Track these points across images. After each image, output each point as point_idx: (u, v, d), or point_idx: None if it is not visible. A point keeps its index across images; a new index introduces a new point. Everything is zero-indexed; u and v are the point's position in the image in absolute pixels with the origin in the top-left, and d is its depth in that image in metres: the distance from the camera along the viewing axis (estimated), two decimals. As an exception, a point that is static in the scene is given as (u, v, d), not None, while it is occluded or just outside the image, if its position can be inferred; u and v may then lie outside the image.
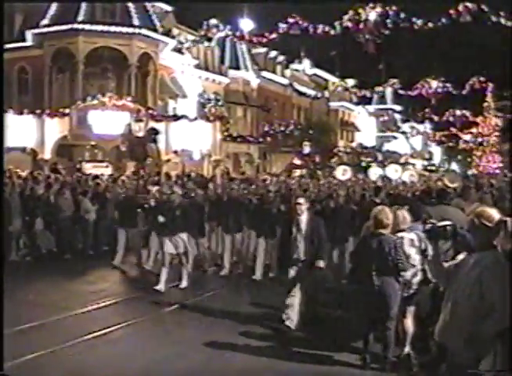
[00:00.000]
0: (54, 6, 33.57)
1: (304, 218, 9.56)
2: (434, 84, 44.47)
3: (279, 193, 16.48)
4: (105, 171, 28.38)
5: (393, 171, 30.87)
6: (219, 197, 15.37)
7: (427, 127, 78.30)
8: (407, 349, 7.76)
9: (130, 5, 33.96)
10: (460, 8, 26.08)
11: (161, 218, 12.49)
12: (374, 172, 31.40)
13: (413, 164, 64.79)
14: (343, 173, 26.86)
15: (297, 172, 40.71)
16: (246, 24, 38.83)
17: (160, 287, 12.22)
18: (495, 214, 4.84)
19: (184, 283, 12.66)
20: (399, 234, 7.69)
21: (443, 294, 5.13)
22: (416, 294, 7.69)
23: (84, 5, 32.99)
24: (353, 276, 8.07)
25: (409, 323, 7.77)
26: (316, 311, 9.79)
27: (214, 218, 14.83)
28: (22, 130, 30.48)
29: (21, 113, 31.07)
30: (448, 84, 44.52)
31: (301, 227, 9.49)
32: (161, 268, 12.51)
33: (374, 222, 7.62)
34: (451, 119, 59.27)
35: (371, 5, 28.69)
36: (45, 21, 33.45)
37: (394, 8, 28.48)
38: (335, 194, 14.79)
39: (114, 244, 15.47)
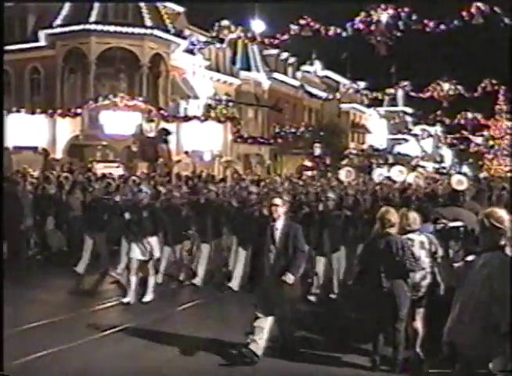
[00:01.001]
0: (67, 7, 33.74)
1: (279, 224, 8.06)
2: (446, 86, 44.29)
3: (265, 195, 14.98)
4: (116, 171, 28.44)
5: (397, 173, 29.71)
6: (197, 199, 13.92)
7: (438, 129, 77.99)
8: (417, 351, 7.74)
9: (142, 5, 34.08)
10: (473, 9, 26.01)
11: (127, 215, 11.35)
12: (378, 173, 30.40)
13: (424, 167, 64.56)
14: (346, 175, 26.58)
15: (309, 174, 40.62)
16: (258, 26, 38.87)
17: (129, 299, 10.93)
18: (504, 215, 4.84)
19: (148, 297, 11.13)
20: (409, 236, 7.67)
21: (452, 294, 5.12)
22: (424, 296, 7.67)
23: (96, 6, 33.14)
24: (361, 277, 8.05)
25: (419, 325, 7.75)
26: (291, 335, 8.34)
27: (191, 223, 13.31)
28: (34, 130, 30.68)
29: (33, 112, 31.25)
30: (459, 87, 44.32)
31: (275, 235, 8.02)
32: (129, 277, 11.18)
33: (381, 222, 7.60)
34: (462, 122, 59.07)
35: (383, 6, 28.64)
36: (58, 21, 33.62)
37: (406, 9, 28.42)
38: (324, 197, 13.04)
39: (79, 250, 13.95)
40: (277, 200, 8.17)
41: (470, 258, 5.11)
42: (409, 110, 73.98)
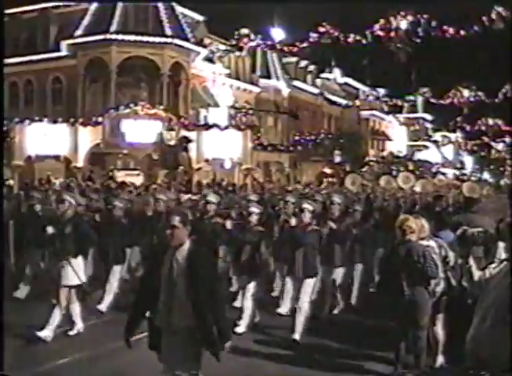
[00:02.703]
0: (88, 17, 34.06)
1: (183, 250, 5.58)
2: (466, 92, 44.10)
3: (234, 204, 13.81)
4: (136, 179, 28.63)
5: (404, 180, 28.46)
6: (143, 210, 12.38)
7: (458, 136, 77.55)
8: (440, 359, 7.71)
9: (162, 14, 34.30)
10: (493, 15, 25.88)
11: (50, 229, 9.43)
12: (386, 181, 29.33)
13: (444, 174, 64.21)
14: (352, 182, 26.18)
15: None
16: (277, 33, 38.98)
17: (46, 333, 8.85)
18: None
19: (74, 330, 9.39)
20: (419, 242, 7.67)
21: (475, 301, 5.12)
22: (440, 301, 7.64)
23: (117, 16, 33.42)
24: (383, 284, 8.06)
25: (439, 331, 7.73)
26: None
27: (135, 239, 11.68)
28: (56, 138, 30.92)
29: (55, 121, 31.48)
30: (480, 93, 44.12)
31: (174, 266, 5.54)
32: (53, 307, 9.08)
33: (401, 229, 7.60)
34: (483, 128, 58.76)
35: (402, 13, 28.61)
36: (79, 32, 33.94)
37: (425, 16, 28.36)
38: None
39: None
40: (175, 220, 5.61)
41: (493, 265, 5.11)
42: (428, 116, 73.68)
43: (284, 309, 10.22)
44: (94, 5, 34.28)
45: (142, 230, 12.06)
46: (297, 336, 9.13)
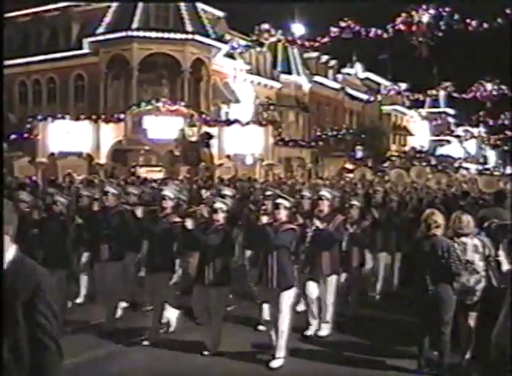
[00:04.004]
0: (109, 15, 34.29)
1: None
2: (489, 86, 43.65)
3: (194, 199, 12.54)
4: (158, 175, 28.76)
5: (418, 174, 27.45)
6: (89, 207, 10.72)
7: (481, 130, 76.92)
8: (468, 356, 7.63)
9: (183, 11, 34.42)
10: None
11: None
12: (396, 175, 27.83)
13: (467, 169, 63.77)
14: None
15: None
16: (298, 29, 38.94)
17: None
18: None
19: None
20: (462, 239, 7.55)
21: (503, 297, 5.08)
22: (480, 301, 7.48)
23: (138, 13, 33.60)
24: (407, 279, 8.01)
25: (472, 329, 7.63)
26: None
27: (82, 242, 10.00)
28: (78, 135, 31.16)
29: (77, 118, 31.73)
30: (503, 87, 43.64)
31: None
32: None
33: (426, 223, 7.48)
34: (506, 122, 58.08)
35: (424, 7, 28.39)
36: (101, 29, 34.17)
37: (447, 9, 28.12)
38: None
39: None
40: None
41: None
42: (451, 111, 73.17)
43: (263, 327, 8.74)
44: (115, 3, 34.50)
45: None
46: (275, 364, 7.81)
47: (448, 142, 72.64)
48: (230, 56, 38.54)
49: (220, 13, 40.19)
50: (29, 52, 37.16)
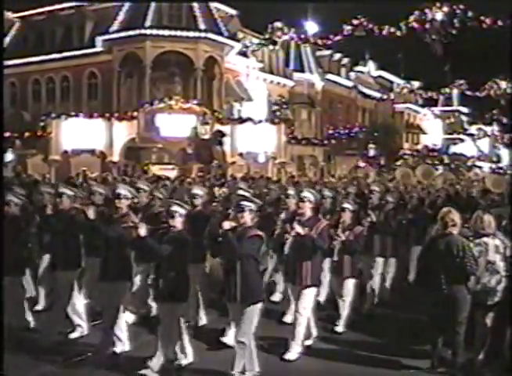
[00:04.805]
0: (123, 13, 34.40)
1: None
2: (503, 84, 43.38)
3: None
4: (171, 173, 28.81)
5: (424, 173, 26.19)
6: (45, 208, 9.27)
7: (495, 129, 76.48)
8: (481, 356, 7.57)
9: (195, 9, 34.45)
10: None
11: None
12: (402, 174, 26.45)
13: (480, 167, 63.45)
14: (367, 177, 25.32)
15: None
16: (311, 27, 38.89)
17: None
18: None
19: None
20: (484, 239, 7.50)
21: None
22: (500, 301, 7.44)
23: (151, 11, 33.67)
24: (420, 278, 7.97)
25: (488, 329, 7.59)
26: None
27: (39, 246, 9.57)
28: (91, 133, 31.26)
29: (91, 116, 31.84)
30: (517, 85, 43.39)
31: None
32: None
33: (443, 222, 7.45)
34: (520, 120, 57.76)
35: (438, 4, 28.29)
36: (114, 27, 34.27)
37: (461, 7, 28.01)
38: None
39: None
40: None
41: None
42: (464, 109, 72.82)
43: (229, 339, 8.08)
44: (128, 2, 34.60)
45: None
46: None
47: (462, 140, 72.23)
48: (243, 54, 38.55)
49: (233, 11, 40.17)
50: (43, 51, 37.31)
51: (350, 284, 9.38)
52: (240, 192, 9.19)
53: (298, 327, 8.09)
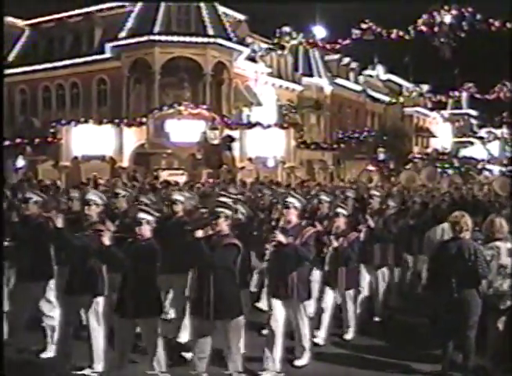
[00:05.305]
0: (131, 19, 34.52)
1: None
2: (513, 87, 43.27)
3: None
4: (180, 178, 28.85)
5: (429, 176, 25.90)
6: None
7: (504, 132, 76.15)
8: (493, 360, 7.52)
9: (204, 15, 34.54)
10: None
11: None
12: (406, 178, 25.73)
13: (490, 170, 63.19)
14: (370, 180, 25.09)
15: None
16: (319, 31, 38.93)
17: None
18: None
19: None
20: (496, 243, 7.47)
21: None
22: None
23: (160, 17, 33.78)
24: (431, 282, 7.94)
25: (500, 333, 7.55)
26: None
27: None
28: (101, 139, 31.38)
29: (100, 122, 31.93)
30: (527, 87, 43.27)
31: None
32: None
33: (458, 226, 7.36)
34: (530, 123, 57.58)
35: (446, 7, 28.26)
36: (123, 34, 34.38)
37: (470, 9, 27.97)
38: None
39: None
40: None
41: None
42: (474, 112, 72.61)
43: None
44: (137, 8, 34.76)
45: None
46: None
47: (471, 143, 72.00)
48: (252, 59, 38.61)
49: (241, 17, 40.27)
50: (53, 58, 37.51)
51: (348, 297, 8.97)
52: (221, 198, 8.12)
53: (303, 336, 7.77)
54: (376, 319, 10.14)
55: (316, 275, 9.43)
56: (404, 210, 12.77)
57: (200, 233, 6.46)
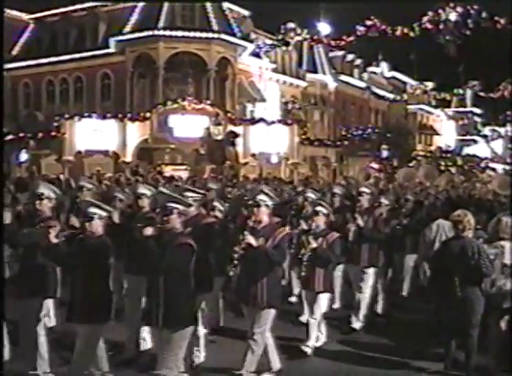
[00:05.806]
0: (136, 14, 34.48)
1: None
2: (518, 85, 43.21)
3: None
4: (183, 174, 28.85)
5: (427, 174, 24.92)
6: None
7: (508, 130, 76.10)
8: (495, 359, 7.51)
9: (209, 10, 34.49)
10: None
11: None
12: (404, 175, 25.13)
13: (494, 169, 63.09)
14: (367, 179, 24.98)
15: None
16: (324, 28, 38.85)
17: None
18: None
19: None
20: (501, 243, 7.45)
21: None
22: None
23: (164, 12, 33.73)
24: (434, 280, 7.92)
25: (502, 332, 7.53)
26: None
27: None
28: (104, 134, 31.38)
29: (104, 117, 31.94)
30: (532, 86, 43.20)
31: None
32: None
33: (461, 224, 7.33)
34: (535, 122, 57.53)
35: (451, 5, 28.20)
36: (127, 29, 34.34)
37: (475, 7, 27.90)
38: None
39: None
40: None
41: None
42: (478, 110, 72.51)
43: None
44: (141, 3, 34.69)
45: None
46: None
47: (475, 141, 71.93)
48: (256, 54, 38.56)
49: (246, 12, 40.21)
50: (57, 52, 37.50)
51: (322, 300, 8.26)
52: (187, 193, 7.61)
53: (251, 353, 6.82)
54: (378, 315, 10.18)
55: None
56: (396, 208, 12.32)
57: (149, 231, 5.98)
